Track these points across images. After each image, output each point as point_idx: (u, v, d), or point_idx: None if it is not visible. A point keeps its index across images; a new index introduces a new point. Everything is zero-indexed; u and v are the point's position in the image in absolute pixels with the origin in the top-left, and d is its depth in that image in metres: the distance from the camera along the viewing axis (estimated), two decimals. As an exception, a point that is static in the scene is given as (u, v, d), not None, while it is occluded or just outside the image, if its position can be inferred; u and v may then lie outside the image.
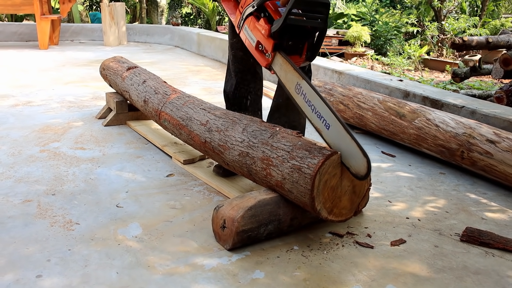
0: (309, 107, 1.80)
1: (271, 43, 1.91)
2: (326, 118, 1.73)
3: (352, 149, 1.66)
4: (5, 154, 2.67)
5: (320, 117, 1.76)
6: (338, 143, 1.71)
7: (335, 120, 1.70)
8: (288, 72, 1.89)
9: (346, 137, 1.67)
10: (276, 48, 1.91)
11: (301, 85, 1.84)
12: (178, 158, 2.60)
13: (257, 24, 1.97)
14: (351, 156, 1.66)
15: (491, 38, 4.82)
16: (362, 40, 8.95)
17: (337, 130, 1.70)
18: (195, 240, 1.84)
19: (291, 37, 1.88)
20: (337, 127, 1.70)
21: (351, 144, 1.66)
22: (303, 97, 1.83)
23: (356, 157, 1.64)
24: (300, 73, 1.84)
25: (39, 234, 1.84)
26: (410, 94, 3.36)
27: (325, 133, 1.76)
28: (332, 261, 1.74)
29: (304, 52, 1.96)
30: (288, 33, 1.87)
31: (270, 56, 1.94)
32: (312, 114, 1.79)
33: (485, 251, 1.84)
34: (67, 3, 7.69)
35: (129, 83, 3.06)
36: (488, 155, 2.44)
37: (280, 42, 1.90)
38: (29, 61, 5.94)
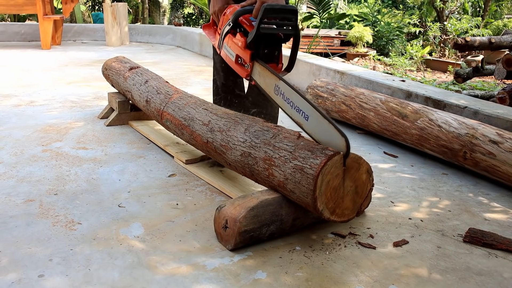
0: (288, 104, 1.89)
1: (248, 54, 2.00)
2: (304, 110, 1.81)
3: (331, 133, 1.73)
4: (7, 154, 2.67)
5: (299, 110, 1.84)
6: (318, 131, 1.78)
7: (312, 110, 1.78)
8: (266, 77, 1.98)
9: (324, 123, 1.75)
10: (253, 57, 2.01)
11: (279, 86, 1.93)
12: (180, 158, 2.60)
13: (234, 40, 2.07)
14: (332, 139, 1.74)
15: (494, 39, 4.81)
16: (364, 40, 8.95)
17: (316, 119, 1.78)
18: (197, 240, 1.84)
19: (266, 45, 1.98)
20: (315, 116, 1.78)
21: (329, 128, 1.73)
22: (282, 97, 1.92)
23: (336, 139, 1.71)
24: (277, 75, 1.93)
25: (41, 234, 1.84)
26: (412, 95, 3.35)
27: (305, 124, 1.83)
28: (334, 261, 1.73)
29: (280, 61, 2.07)
30: (262, 42, 1.97)
31: (249, 67, 2.04)
32: (291, 110, 1.88)
33: (488, 252, 1.84)
34: (70, 3, 7.70)
35: (131, 83, 3.06)
36: (491, 156, 2.43)
37: (257, 51, 2.00)
38: (31, 61, 5.95)
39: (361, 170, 1.78)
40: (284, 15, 1.92)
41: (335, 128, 1.70)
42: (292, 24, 1.94)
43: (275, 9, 1.87)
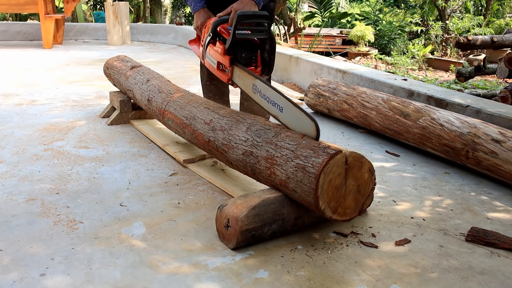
0: (265, 100, 2.01)
1: (227, 59, 2.14)
2: (279, 103, 1.94)
3: (303, 119, 1.85)
4: (9, 153, 2.67)
5: (274, 104, 1.97)
6: (292, 120, 1.91)
7: (285, 101, 1.91)
8: (245, 79, 2.11)
9: (296, 111, 1.88)
10: (233, 62, 2.15)
11: (256, 84, 2.05)
12: (178, 157, 2.60)
13: (214, 48, 2.23)
14: (304, 125, 1.86)
15: (496, 37, 4.80)
16: (365, 39, 8.94)
17: (289, 109, 1.91)
18: (199, 239, 1.84)
19: (244, 50, 2.12)
20: (288, 107, 1.91)
21: (300, 115, 1.86)
22: (259, 94, 2.04)
23: (307, 124, 1.84)
24: (253, 74, 2.06)
25: (43, 233, 1.84)
26: (414, 94, 3.35)
27: (281, 116, 1.96)
28: (336, 260, 1.73)
29: (259, 64, 2.19)
30: (240, 47, 2.11)
31: (229, 71, 2.17)
32: (268, 105, 2.00)
33: (491, 251, 1.83)
34: (71, 3, 7.70)
35: (132, 82, 3.06)
36: (493, 155, 2.42)
37: (235, 56, 2.13)
38: (33, 60, 5.95)
39: (363, 169, 1.77)
40: (257, 20, 2.08)
41: (306, 114, 1.83)
42: (265, 29, 2.10)
43: (247, 15, 2.04)
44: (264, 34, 2.11)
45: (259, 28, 2.10)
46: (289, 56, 4.99)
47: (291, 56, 4.95)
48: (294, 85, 4.82)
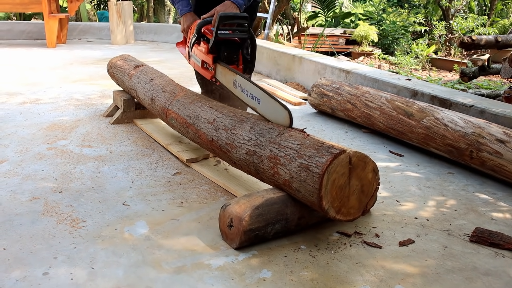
0: (245, 94, 2.13)
1: (210, 57, 2.29)
2: (256, 95, 2.06)
3: (277, 109, 1.97)
4: (13, 152, 2.68)
5: (253, 97, 2.09)
6: (268, 110, 2.03)
7: (262, 93, 2.03)
8: (226, 75, 2.24)
9: (272, 102, 2.00)
10: (215, 60, 2.29)
11: (236, 80, 2.18)
12: (182, 157, 2.59)
13: (199, 48, 2.38)
14: (278, 114, 1.98)
15: (500, 37, 4.78)
16: (369, 39, 8.93)
17: (265, 101, 2.02)
18: (202, 239, 1.83)
19: (226, 49, 2.27)
20: (264, 98, 2.03)
21: (276, 105, 1.98)
22: (239, 88, 2.16)
23: (281, 113, 1.96)
24: (234, 70, 2.19)
25: (46, 232, 1.84)
26: (418, 93, 3.33)
27: (259, 108, 2.08)
28: (339, 260, 1.72)
29: (240, 62, 2.34)
30: (222, 46, 2.27)
31: (213, 69, 2.32)
32: (247, 98, 2.12)
33: (495, 252, 1.82)
34: (75, 2, 7.71)
35: (136, 81, 3.06)
36: (498, 155, 2.41)
37: (218, 55, 2.28)
38: (37, 60, 5.96)
39: (367, 169, 1.77)
40: (237, 21, 2.23)
41: (280, 104, 1.95)
42: (245, 29, 2.25)
43: (228, 17, 2.19)
44: (244, 34, 2.26)
45: (240, 29, 2.25)
46: (293, 55, 4.98)
47: (295, 55, 4.95)
48: (297, 84, 4.82)
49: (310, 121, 3.57)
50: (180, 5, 2.56)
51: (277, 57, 5.29)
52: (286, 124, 1.95)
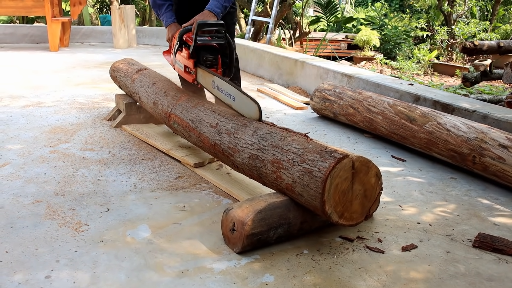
0: (221, 93, 2.32)
1: (191, 62, 2.48)
2: (231, 93, 2.25)
3: (248, 104, 2.15)
4: (15, 155, 2.68)
5: (228, 95, 2.27)
6: (241, 106, 2.21)
7: (236, 91, 2.22)
8: (206, 77, 2.43)
9: (244, 98, 2.17)
10: (196, 64, 2.48)
11: (214, 81, 2.37)
12: (187, 161, 2.59)
13: (181, 54, 2.58)
14: (249, 108, 2.16)
15: (503, 43, 4.78)
16: (371, 44, 8.93)
17: (239, 97, 2.20)
18: (204, 243, 1.83)
19: (205, 54, 2.45)
20: (238, 95, 2.21)
21: (247, 100, 2.16)
22: (217, 88, 2.35)
23: (252, 107, 2.14)
24: (212, 72, 2.38)
25: (48, 235, 1.84)
26: (420, 98, 3.33)
27: (233, 104, 2.26)
28: (342, 265, 1.72)
29: (219, 66, 2.50)
30: (202, 52, 2.45)
31: (194, 73, 2.51)
32: (224, 96, 2.31)
33: (498, 258, 1.82)
34: (78, 6, 7.73)
35: (138, 85, 3.07)
36: (501, 160, 2.41)
37: (198, 59, 2.47)
38: (40, 63, 5.98)
39: (370, 173, 1.77)
40: (214, 28, 2.43)
41: (251, 99, 2.14)
42: (222, 35, 2.45)
43: (206, 24, 2.41)
44: (222, 39, 2.45)
45: (217, 35, 2.44)
46: (295, 60, 4.99)
47: (297, 60, 4.95)
48: (299, 89, 4.82)
49: (312, 126, 3.57)
50: (165, 17, 2.78)
51: (279, 62, 5.30)
52: (256, 117, 2.12)
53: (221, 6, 2.58)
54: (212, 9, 2.56)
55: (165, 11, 2.77)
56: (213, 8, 2.57)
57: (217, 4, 2.57)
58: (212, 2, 2.58)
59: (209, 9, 2.57)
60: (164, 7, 2.76)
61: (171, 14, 2.78)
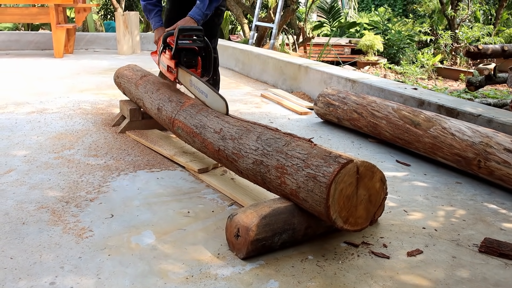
0: (197, 90, 2.60)
1: (173, 62, 2.77)
2: (204, 90, 2.53)
3: (218, 100, 2.42)
4: (20, 161, 2.69)
5: (202, 92, 2.55)
6: (213, 101, 2.48)
7: (208, 89, 2.50)
8: (185, 77, 2.72)
9: (215, 95, 2.44)
10: (177, 64, 2.77)
11: (191, 80, 2.65)
12: (191, 167, 2.59)
13: (165, 55, 2.87)
14: (219, 104, 2.42)
15: (507, 46, 4.77)
16: (374, 48, 8.93)
17: (211, 94, 2.48)
18: (209, 249, 1.83)
19: (185, 55, 2.73)
20: (210, 93, 2.49)
21: (217, 97, 2.43)
22: (194, 87, 2.63)
23: (220, 103, 2.40)
24: (190, 72, 2.65)
25: (53, 241, 1.84)
26: (425, 103, 3.33)
27: (206, 100, 2.53)
28: (347, 271, 1.71)
29: (198, 67, 2.79)
30: (182, 53, 2.73)
31: (175, 72, 2.79)
32: (199, 93, 2.59)
33: (505, 263, 1.80)
34: (82, 13, 7.78)
35: (142, 91, 3.07)
36: (506, 164, 2.39)
37: (179, 60, 2.75)
38: (44, 69, 6.01)
39: (375, 178, 1.76)
40: (193, 32, 2.70)
41: (220, 96, 2.40)
42: (200, 39, 2.71)
43: (186, 29, 2.68)
44: (201, 43, 2.72)
45: (197, 39, 2.72)
46: (298, 65, 4.99)
47: (300, 65, 4.96)
48: (303, 94, 4.82)
49: (317, 131, 3.57)
50: (153, 21, 3.06)
51: (283, 67, 5.31)
52: (224, 112, 2.38)
53: (202, 13, 2.87)
54: (193, 16, 2.85)
55: (154, 15, 3.05)
56: (194, 15, 2.85)
57: (198, 12, 2.86)
58: (194, 10, 2.86)
59: (191, 15, 2.85)
60: (154, 12, 3.04)
61: (159, 18, 3.05)
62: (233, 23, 12.19)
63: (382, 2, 15.27)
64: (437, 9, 10.71)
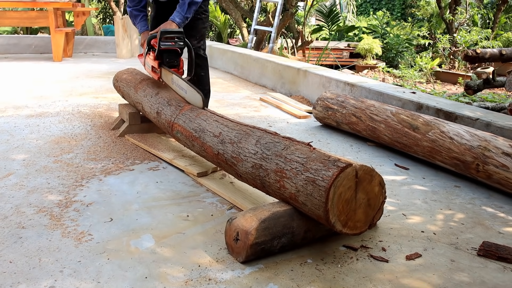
0: (178, 87, 2.82)
1: (157, 63, 2.97)
2: (183, 87, 2.75)
3: (196, 95, 2.63)
4: (19, 165, 2.69)
5: (182, 89, 2.77)
6: (191, 97, 2.68)
7: (187, 86, 2.70)
8: (167, 75, 2.93)
9: (193, 90, 2.65)
10: (160, 65, 2.96)
11: (172, 78, 2.87)
12: (191, 171, 2.60)
13: (149, 56, 3.04)
14: (196, 98, 2.63)
15: (505, 50, 4.78)
16: (373, 52, 8.96)
17: (190, 90, 2.68)
18: (208, 253, 1.83)
19: (167, 56, 2.92)
20: (189, 89, 2.69)
21: (195, 93, 2.63)
22: (175, 84, 2.85)
23: (198, 97, 2.62)
24: (172, 71, 2.86)
25: (52, 245, 1.84)
26: (423, 107, 3.34)
27: (186, 96, 2.74)
28: (346, 274, 1.71)
29: (181, 66, 2.99)
30: (165, 55, 2.92)
31: (159, 72, 2.99)
32: (180, 90, 2.80)
33: (503, 266, 1.81)
34: (81, 16, 7.80)
35: (142, 94, 3.08)
36: (504, 168, 2.40)
37: (162, 61, 2.95)
38: (43, 73, 6.01)
39: (374, 182, 1.76)
40: (175, 35, 2.89)
41: (197, 92, 2.61)
42: (181, 40, 2.90)
43: (167, 31, 2.87)
44: (181, 45, 2.91)
45: (178, 41, 2.89)
46: (297, 69, 5.00)
47: (299, 69, 4.97)
48: (302, 98, 4.83)
49: (315, 135, 3.58)
50: (139, 25, 3.24)
51: (281, 71, 5.32)
52: (200, 106, 2.60)
53: (182, 17, 3.05)
54: (174, 20, 3.03)
55: (139, 20, 3.25)
56: (175, 18, 3.03)
57: (179, 16, 3.04)
58: (175, 14, 3.04)
59: (172, 19, 3.03)
60: (139, 17, 3.24)
61: (145, 23, 3.26)
62: (232, 27, 12.22)
63: (381, 6, 15.33)
64: (435, 13, 10.75)
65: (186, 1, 3.03)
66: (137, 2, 3.20)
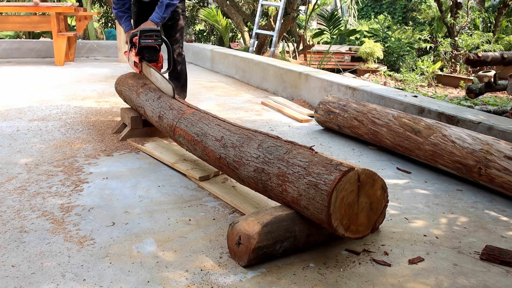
0: (155, 79, 3.16)
1: (138, 58, 3.35)
2: (159, 79, 3.08)
3: (168, 86, 2.95)
4: (21, 169, 2.69)
5: (157, 80, 3.11)
6: (165, 87, 3.01)
7: (161, 77, 3.04)
8: (147, 69, 3.29)
9: (165, 81, 2.97)
10: (141, 60, 3.34)
11: (151, 71, 3.20)
12: (192, 175, 2.60)
13: (132, 52, 3.43)
14: (168, 89, 2.96)
15: (506, 54, 4.78)
16: (374, 56, 8.96)
17: (164, 82, 3.00)
18: (210, 257, 1.83)
19: (147, 52, 3.31)
20: (163, 80, 3.01)
21: (167, 83, 2.95)
22: (153, 76, 3.19)
23: (169, 88, 2.93)
24: (150, 66, 3.21)
25: (54, 249, 1.84)
26: (425, 110, 3.33)
27: (160, 87, 3.08)
28: (348, 279, 1.71)
29: (159, 61, 3.38)
30: (145, 51, 3.30)
31: (140, 66, 3.39)
32: (156, 81, 3.15)
33: (506, 270, 1.80)
34: (83, 21, 7.82)
35: (144, 98, 3.09)
36: (507, 172, 2.40)
37: (143, 56, 3.32)
38: (46, 77, 6.03)
39: (376, 186, 1.76)
40: (153, 33, 3.27)
41: (168, 82, 2.93)
42: (159, 38, 3.29)
43: (146, 30, 3.26)
44: (159, 42, 3.29)
45: (157, 38, 3.28)
46: (299, 73, 5.01)
47: (301, 73, 4.97)
48: (303, 101, 4.83)
49: (317, 138, 3.58)
50: (124, 25, 3.61)
51: (283, 75, 5.32)
52: (171, 95, 2.92)
53: (160, 17, 3.46)
54: (153, 20, 3.44)
55: (124, 21, 3.61)
56: (154, 18, 3.44)
57: (157, 16, 3.45)
58: (154, 14, 3.46)
59: (151, 19, 3.44)
60: (124, 18, 3.61)
61: (129, 23, 3.64)
62: (234, 31, 12.24)
63: (382, 9, 15.35)
64: (436, 17, 10.76)
65: (164, 3, 3.45)
66: (121, 5, 3.58)
